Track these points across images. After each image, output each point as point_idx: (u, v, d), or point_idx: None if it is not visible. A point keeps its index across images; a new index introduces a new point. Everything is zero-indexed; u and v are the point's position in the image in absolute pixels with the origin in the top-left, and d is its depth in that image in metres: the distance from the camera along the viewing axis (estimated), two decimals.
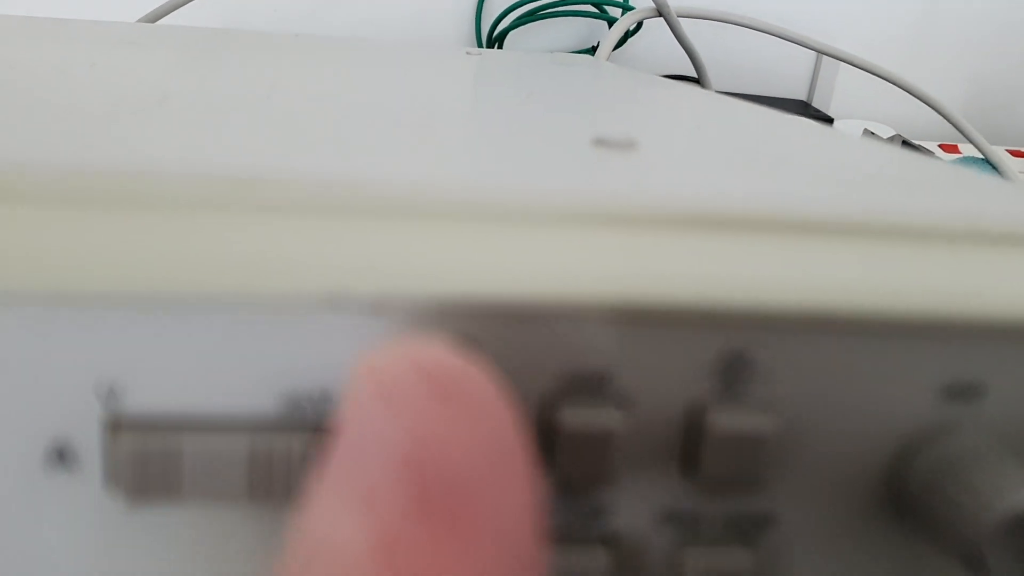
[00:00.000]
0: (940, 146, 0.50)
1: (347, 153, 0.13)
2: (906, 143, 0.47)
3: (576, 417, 0.10)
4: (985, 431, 0.10)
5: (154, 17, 0.44)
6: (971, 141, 0.45)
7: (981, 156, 0.46)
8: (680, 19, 0.43)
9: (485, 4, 0.50)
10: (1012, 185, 0.14)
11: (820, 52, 0.47)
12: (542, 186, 0.11)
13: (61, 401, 0.09)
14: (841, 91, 0.54)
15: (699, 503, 0.10)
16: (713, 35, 0.50)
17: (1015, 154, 0.49)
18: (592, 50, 0.50)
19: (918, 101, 0.46)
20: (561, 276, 0.09)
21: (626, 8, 0.49)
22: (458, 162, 0.13)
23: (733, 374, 0.10)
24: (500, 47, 0.50)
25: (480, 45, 0.51)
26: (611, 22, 0.49)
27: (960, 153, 0.49)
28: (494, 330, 0.09)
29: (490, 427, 0.09)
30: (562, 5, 0.49)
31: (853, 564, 0.11)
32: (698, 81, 0.46)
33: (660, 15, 0.42)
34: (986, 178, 0.14)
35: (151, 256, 0.09)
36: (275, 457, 0.09)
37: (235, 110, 0.16)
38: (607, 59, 0.42)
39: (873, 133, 0.48)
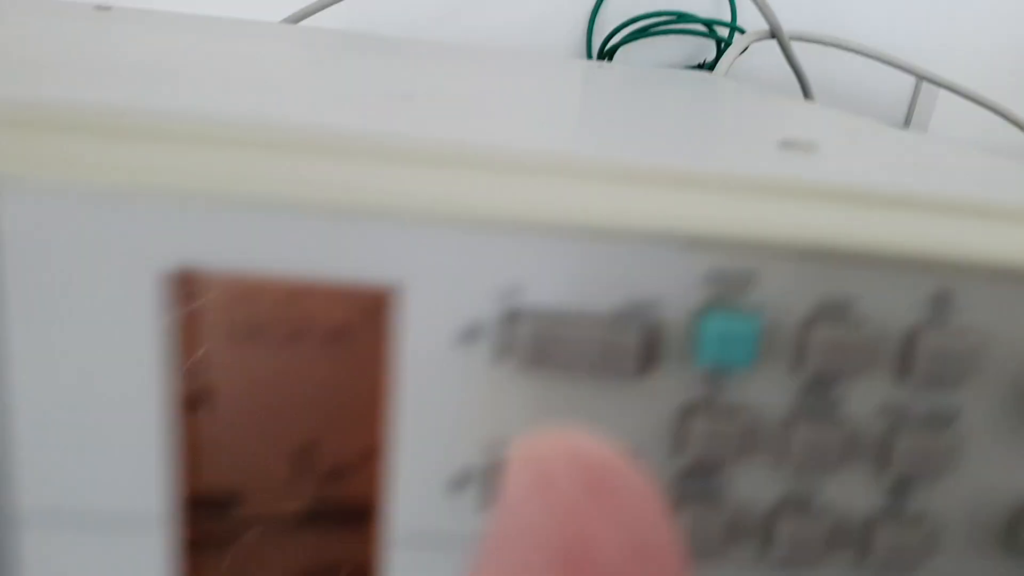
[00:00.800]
0: None
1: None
2: None
3: (827, 330, 0.13)
4: None
5: (296, 19, 0.48)
6: None
7: None
8: (790, 41, 0.45)
9: (597, 19, 0.53)
10: None
11: (922, 78, 0.49)
12: (779, 172, 0.14)
13: (474, 295, 0.13)
14: (938, 117, 0.56)
15: (908, 399, 0.14)
16: (816, 57, 0.52)
17: None
18: (699, 67, 0.53)
19: (1016, 129, 0.48)
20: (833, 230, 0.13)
21: (734, 28, 0.51)
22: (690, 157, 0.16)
23: (941, 304, 0.14)
24: (610, 61, 0.53)
25: (590, 57, 0.54)
26: (719, 41, 0.51)
27: None
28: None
29: (641, 525, 0.09)
30: (675, 23, 0.51)
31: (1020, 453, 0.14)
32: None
33: (774, 37, 0.44)
34: None
35: (543, 199, 0.12)
36: (618, 345, 0.13)
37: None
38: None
39: None
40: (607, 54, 0.52)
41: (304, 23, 0.48)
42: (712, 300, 0.14)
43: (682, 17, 0.51)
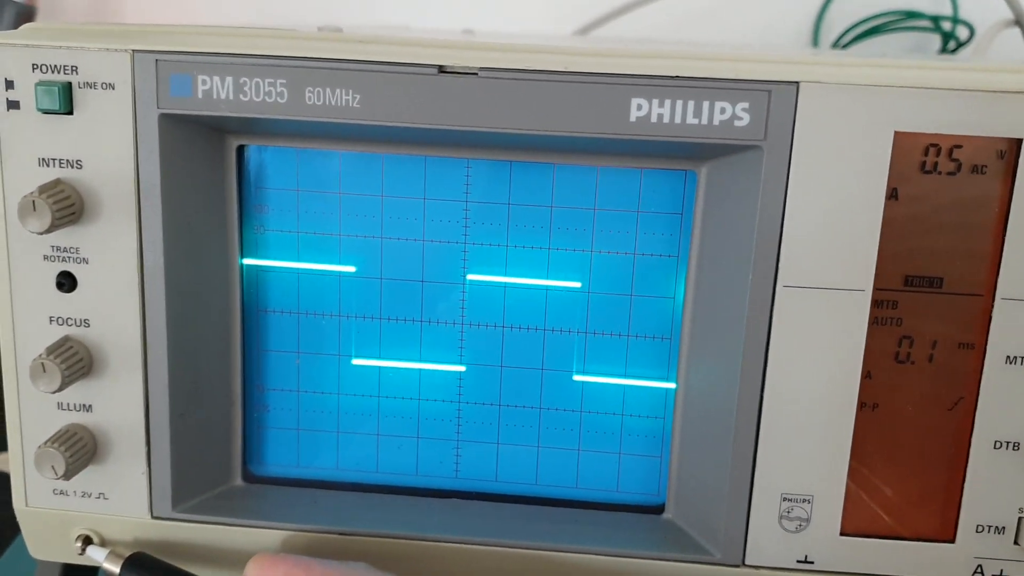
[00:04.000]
0: None
1: None
2: None
3: None
4: None
5: (586, 30, 0.59)
6: None
7: None
8: None
9: (823, 21, 0.61)
10: None
11: None
12: None
13: None
14: None
15: None
16: None
17: None
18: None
19: None
20: None
21: (957, 22, 0.59)
22: None
23: None
24: None
25: None
26: (944, 35, 0.59)
27: None
28: None
29: None
30: (903, 21, 0.59)
31: None
32: None
33: (1018, 24, 0.52)
34: None
35: None
36: None
37: None
38: None
39: None
40: (844, 47, 0.61)
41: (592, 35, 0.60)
42: None
43: (910, 15, 0.59)
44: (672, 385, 0.34)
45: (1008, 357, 0.31)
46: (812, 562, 0.33)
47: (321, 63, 0.30)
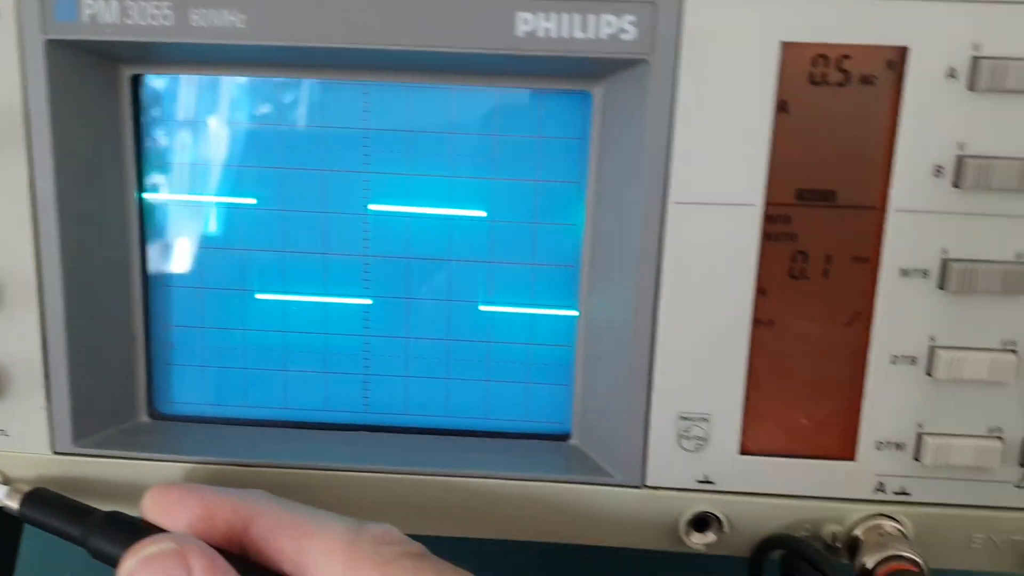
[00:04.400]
0: None
1: None
2: None
3: None
4: None
5: None
6: None
7: None
8: None
9: None
10: None
11: None
12: None
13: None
14: None
15: None
16: None
17: None
18: None
19: None
20: None
21: None
22: None
23: None
24: None
25: None
26: None
27: None
28: None
29: None
30: None
31: None
32: None
33: None
34: None
35: None
36: None
37: None
38: None
39: None
40: None
41: None
42: None
43: None
44: (575, 313, 0.34)
45: (902, 270, 0.31)
46: (712, 482, 0.33)
47: None
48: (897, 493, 0.33)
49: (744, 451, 0.33)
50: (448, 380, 0.35)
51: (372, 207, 0.34)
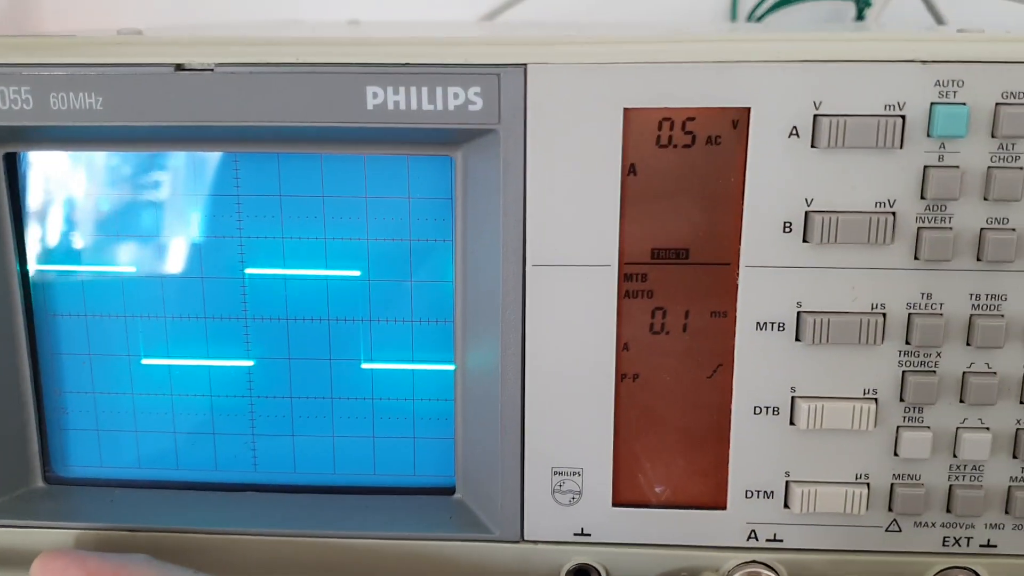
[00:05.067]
0: None
1: None
2: None
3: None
4: None
5: (493, 15, 0.58)
6: None
7: None
8: None
9: None
10: None
11: None
12: None
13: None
14: None
15: None
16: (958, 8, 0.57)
17: None
18: None
19: None
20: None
21: None
22: None
23: None
24: None
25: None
26: (858, 3, 0.58)
27: None
28: None
29: None
30: None
31: None
32: None
33: None
34: None
35: None
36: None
37: None
38: None
39: None
40: (758, 20, 0.60)
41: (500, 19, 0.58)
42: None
43: None
44: (453, 367, 0.34)
45: (758, 323, 0.31)
46: (589, 534, 0.33)
47: (63, 68, 0.30)
48: (770, 540, 0.33)
49: (617, 503, 0.33)
50: (334, 438, 0.36)
51: (249, 271, 0.35)
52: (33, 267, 0.35)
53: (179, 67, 0.30)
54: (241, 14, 0.62)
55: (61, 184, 0.34)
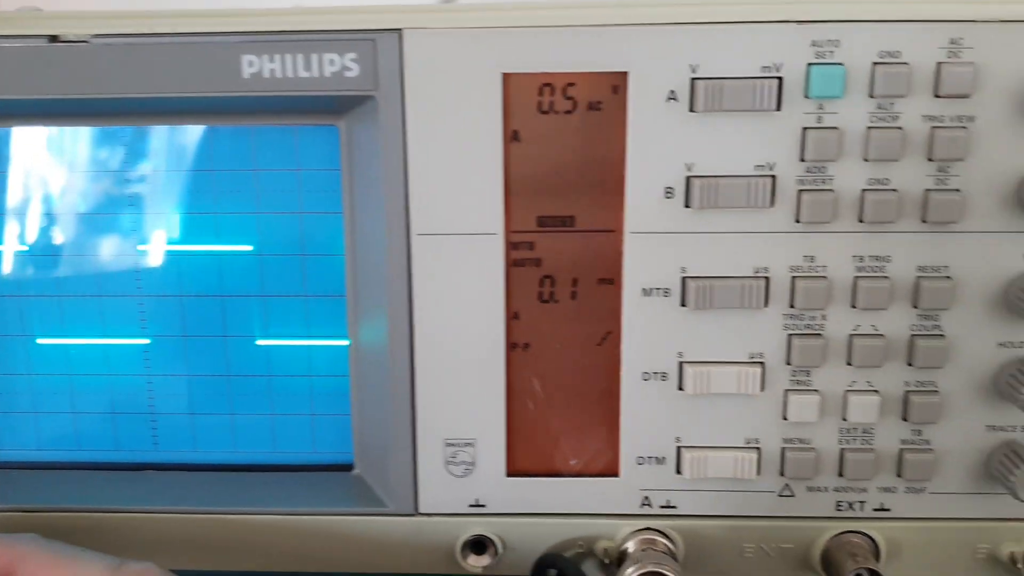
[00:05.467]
0: None
1: None
2: None
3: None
4: None
5: None
6: None
7: None
8: None
9: None
10: None
11: None
12: None
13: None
14: None
15: (941, 109, 0.29)
16: None
17: None
18: None
19: None
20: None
21: None
22: None
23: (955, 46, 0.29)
24: None
25: None
26: None
27: None
28: None
29: None
30: None
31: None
32: None
33: None
34: None
35: None
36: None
37: None
38: None
39: None
40: None
41: None
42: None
43: None
44: (347, 342, 0.34)
45: (644, 290, 0.31)
46: (484, 505, 0.33)
47: None
48: (663, 507, 0.33)
49: (511, 473, 0.33)
50: (233, 416, 0.36)
51: (141, 247, 0.34)
52: None
53: (54, 39, 0.30)
54: None
55: None
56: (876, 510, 0.33)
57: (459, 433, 0.33)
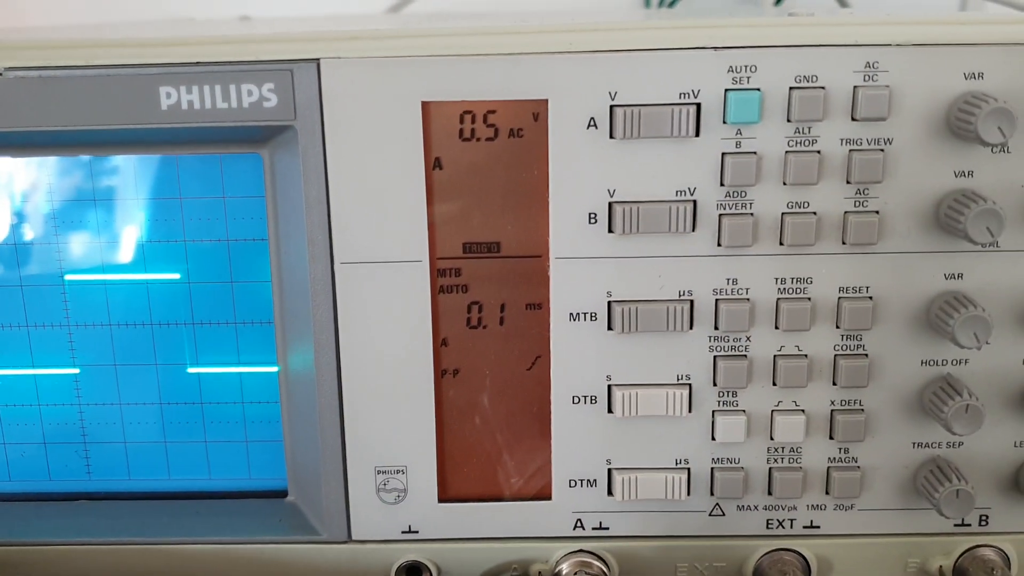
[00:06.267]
0: None
1: None
2: None
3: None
4: None
5: (397, 8, 0.57)
6: None
7: None
8: None
9: None
10: None
11: None
12: None
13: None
14: None
15: (858, 132, 0.29)
16: None
17: None
18: None
19: None
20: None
21: None
22: None
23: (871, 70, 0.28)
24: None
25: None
26: None
27: None
28: None
29: None
30: None
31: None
32: None
33: None
34: None
35: None
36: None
37: None
38: None
39: None
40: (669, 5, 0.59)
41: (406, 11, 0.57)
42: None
43: None
44: (276, 368, 0.34)
45: (571, 314, 0.31)
46: (416, 531, 0.33)
47: None
48: (596, 528, 0.33)
49: (443, 499, 0.33)
50: (166, 444, 0.35)
51: (68, 277, 0.34)
52: None
53: None
54: (136, 12, 0.60)
55: None
56: (806, 527, 0.33)
57: (390, 460, 0.33)
